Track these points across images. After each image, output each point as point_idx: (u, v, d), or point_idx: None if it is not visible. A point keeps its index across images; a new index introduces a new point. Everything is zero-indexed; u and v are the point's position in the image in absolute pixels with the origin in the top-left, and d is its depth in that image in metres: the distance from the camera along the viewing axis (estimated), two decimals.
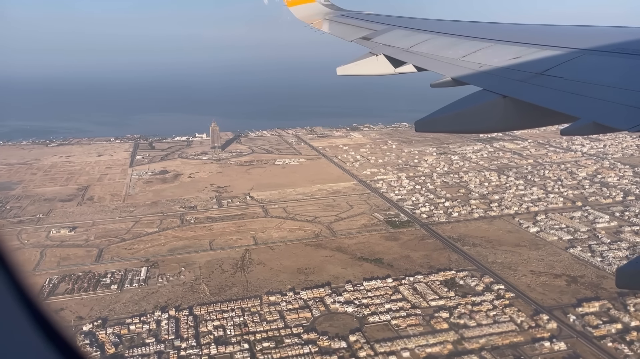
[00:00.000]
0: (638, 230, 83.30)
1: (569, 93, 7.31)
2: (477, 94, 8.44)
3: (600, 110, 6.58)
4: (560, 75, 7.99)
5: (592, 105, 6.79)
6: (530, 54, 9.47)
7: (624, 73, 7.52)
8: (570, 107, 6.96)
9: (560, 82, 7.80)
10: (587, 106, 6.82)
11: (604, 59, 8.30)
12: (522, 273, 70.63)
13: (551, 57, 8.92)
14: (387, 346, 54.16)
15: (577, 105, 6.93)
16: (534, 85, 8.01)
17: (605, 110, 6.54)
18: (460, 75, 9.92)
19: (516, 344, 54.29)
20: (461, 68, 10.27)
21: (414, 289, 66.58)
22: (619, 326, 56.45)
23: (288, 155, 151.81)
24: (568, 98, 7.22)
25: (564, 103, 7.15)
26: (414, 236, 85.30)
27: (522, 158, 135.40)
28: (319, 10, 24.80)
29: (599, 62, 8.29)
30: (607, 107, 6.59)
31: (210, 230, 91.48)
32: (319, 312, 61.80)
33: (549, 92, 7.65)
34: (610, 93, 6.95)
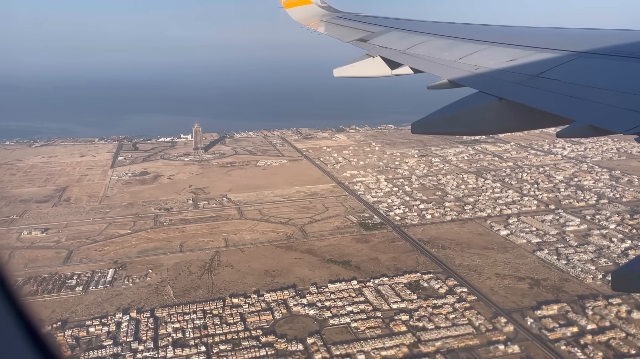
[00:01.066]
0: (606, 233, 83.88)
1: (565, 96, 7.37)
2: (473, 96, 8.51)
3: (596, 113, 6.62)
4: (556, 78, 8.06)
5: (588, 107, 6.85)
6: (526, 56, 9.56)
7: (619, 76, 7.60)
8: (566, 110, 7.02)
9: (556, 84, 7.87)
10: (582, 108, 6.88)
11: (600, 62, 8.39)
12: (487, 275, 71.00)
13: (547, 59, 9.01)
14: (344, 348, 54.33)
15: (573, 108, 6.99)
16: (530, 88, 8.08)
17: (601, 113, 6.57)
18: (456, 77, 10.00)
19: (471, 347, 54.58)
20: (457, 70, 10.36)
21: (377, 291, 66.81)
22: (575, 329, 56.86)
23: (271, 156, 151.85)
24: (564, 100, 7.28)
25: (559, 106, 7.21)
26: (385, 239, 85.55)
27: (502, 161, 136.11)
28: (315, 12, 24.91)
29: (594, 64, 8.37)
30: (602, 110, 6.62)
31: (182, 231, 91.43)
32: (280, 314, 61.91)
33: (544, 94, 7.70)
34: (606, 95, 6.99)
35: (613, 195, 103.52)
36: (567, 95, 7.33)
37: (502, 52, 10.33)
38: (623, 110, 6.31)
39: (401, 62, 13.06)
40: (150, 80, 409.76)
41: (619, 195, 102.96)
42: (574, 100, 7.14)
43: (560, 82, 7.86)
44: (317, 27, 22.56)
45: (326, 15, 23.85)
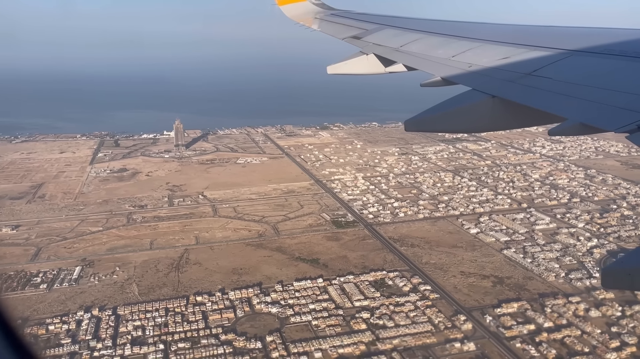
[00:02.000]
0: (574, 232, 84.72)
1: (557, 94, 7.42)
2: (466, 94, 8.52)
3: (587, 111, 6.66)
4: (548, 76, 8.10)
5: (580, 106, 6.89)
6: (519, 55, 9.60)
7: (611, 75, 7.65)
8: (558, 108, 7.04)
9: (548, 82, 7.90)
10: (574, 107, 6.91)
11: (591, 60, 8.44)
12: (452, 274, 71.52)
13: (539, 57, 9.05)
14: (302, 346, 54.57)
15: (565, 106, 7.01)
16: (523, 86, 8.12)
17: (592, 111, 6.61)
18: (450, 74, 10.01)
19: (429, 345, 55.01)
20: (451, 68, 10.36)
21: (342, 289, 67.10)
22: (532, 327, 57.46)
23: (252, 154, 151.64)
24: (556, 98, 7.30)
25: (551, 104, 7.25)
26: (356, 237, 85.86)
27: (481, 159, 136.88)
28: (309, 9, 24.86)
29: (586, 63, 8.41)
30: (594, 108, 6.66)
31: (154, 229, 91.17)
32: (243, 313, 62.02)
33: (537, 92, 7.72)
34: (597, 94, 7.04)
35: (585, 193, 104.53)
36: (559, 94, 7.38)
37: (495, 50, 10.41)
38: (614, 108, 6.39)
39: (395, 60, 13.08)
40: (138, 76, 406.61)
41: (592, 194, 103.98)
42: (566, 98, 7.21)
43: (553, 80, 7.92)
44: (311, 24, 22.55)
45: (320, 13, 23.87)
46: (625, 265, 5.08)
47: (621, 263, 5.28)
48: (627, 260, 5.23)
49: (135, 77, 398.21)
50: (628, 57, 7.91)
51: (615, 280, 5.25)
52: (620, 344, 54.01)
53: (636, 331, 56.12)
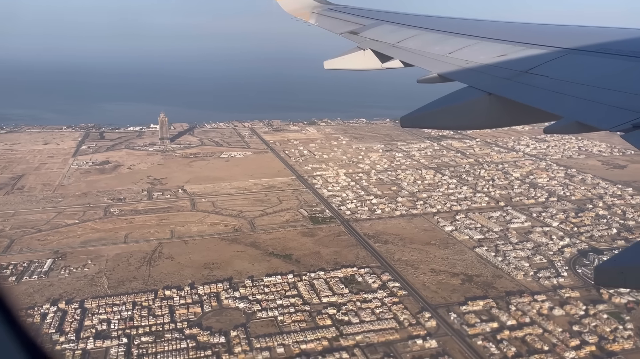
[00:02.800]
0: (548, 230, 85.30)
1: (553, 92, 7.41)
2: (462, 91, 8.47)
3: (583, 110, 6.65)
4: (545, 74, 8.07)
5: (575, 104, 6.88)
6: (516, 52, 9.57)
7: (607, 73, 7.63)
8: (554, 106, 7.04)
9: (545, 80, 7.88)
10: (570, 105, 6.91)
11: (588, 59, 8.41)
12: (422, 271, 71.89)
13: (536, 55, 9.02)
14: (265, 342, 54.79)
15: (561, 104, 7.01)
16: (519, 83, 8.10)
17: (588, 110, 6.59)
18: (446, 71, 9.96)
19: (391, 341, 55.36)
20: (448, 65, 10.31)
21: (311, 285, 67.31)
22: (495, 325, 57.92)
23: (236, 148, 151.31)
24: (552, 97, 7.29)
25: (547, 102, 7.22)
26: (331, 233, 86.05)
27: (464, 157, 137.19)
28: (307, 4, 24.74)
29: (582, 61, 8.39)
30: (589, 107, 6.64)
31: (131, 222, 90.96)
32: (210, 307, 62.10)
33: (533, 90, 7.71)
34: (593, 92, 7.01)
35: (563, 193, 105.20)
36: (555, 92, 7.39)
37: (492, 47, 10.39)
38: (610, 107, 6.38)
39: (392, 56, 13.03)
40: (132, 69, 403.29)
41: (569, 193, 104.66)
42: (562, 96, 7.22)
43: (549, 78, 7.93)
44: (309, 19, 22.52)
45: (317, 7, 23.81)
46: (618, 263, 5.11)
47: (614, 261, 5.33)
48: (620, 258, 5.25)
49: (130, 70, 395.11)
50: (624, 56, 7.97)
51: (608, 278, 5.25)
52: (580, 343, 54.56)
53: (597, 330, 56.71)
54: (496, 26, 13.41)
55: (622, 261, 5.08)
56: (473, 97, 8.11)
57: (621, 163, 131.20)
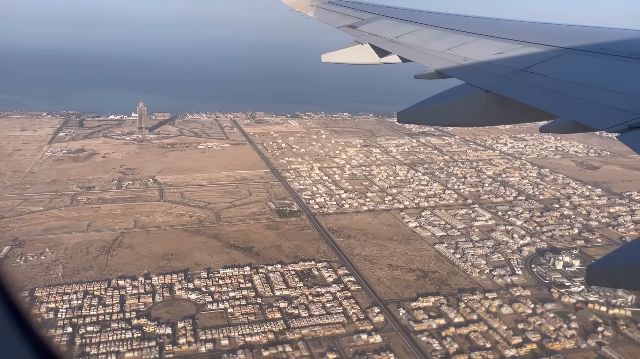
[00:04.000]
0: (511, 229, 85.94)
1: (550, 91, 7.36)
2: (459, 87, 8.41)
3: (580, 109, 6.62)
4: (542, 73, 8.03)
5: (572, 103, 6.85)
6: (514, 50, 9.52)
7: (604, 74, 7.59)
8: (551, 105, 7.01)
9: (542, 79, 7.82)
10: (567, 104, 6.88)
11: (585, 59, 8.36)
12: (379, 266, 72.26)
13: (534, 54, 8.97)
14: (211, 333, 54.96)
15: (557, 103, 6.99)
16: (516, 82, 8.07)
17: (585, 110, 6.57)
18: (444, 67, 9.90)
19: (337, 336, 55.73)
20: (445, 61, 10.25)
21: (267, 278, 67.48)
22: (442, 321, 58.45)
23: (215, 139, 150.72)
24: (549, 96, 7.26)
25: (544, 101, 7.19)
26: (296, 226, 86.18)
27: (440, 154, 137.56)
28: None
29: (580, 61, 8.34)
30: (586, 107, 6.61)
31: (96, 211, 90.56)
32: (161, 298, 62.16)
33: (530, 88, 7.67)
34: (590, 93, 6.99)
35: (533, 192, 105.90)
36: (552, 91, 7.36)
37: (490, 44, 10.36)
38: (606, 107, 6.37)
39: (390, 51, 13.02)
40: (120, 56, 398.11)
41: (538, 193, 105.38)
42: (559, 95, 7.19)
43: (546, 77, 7.90)
44: (307, 12, 22.38)
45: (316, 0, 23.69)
46: (610, 263, 5.10)
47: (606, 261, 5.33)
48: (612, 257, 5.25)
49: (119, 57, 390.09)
50: (622, 57, 7.97)
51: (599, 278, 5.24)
52: (522, 341, 55.21)
53: (542, 328, 57.38)
54: (495, 23, 13.45)
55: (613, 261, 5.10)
56: (470, 94, 8.13)
57: (595, 164, 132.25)
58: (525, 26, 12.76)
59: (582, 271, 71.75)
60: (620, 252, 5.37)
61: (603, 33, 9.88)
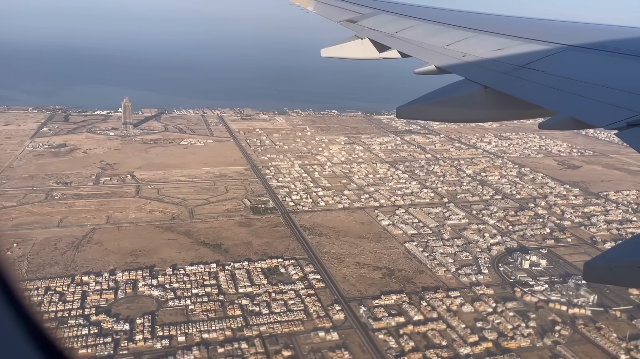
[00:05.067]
0: (483, 228, 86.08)
1: (549, 88, 7.34)
2: (459, 83, 8.39)
3: (579, 106, 6.59)
4: (542, 69, 8.01)
5: (571, 100, 6.83)
6: (514, 46, 9.49)
7: (604, 71, 7.56)
8: (549, 102, 7.01)
9: (541, 76, 7.81)
10: (565, 101, 6.86)
11: (585, 56, 8.36)
12: (347, 264, 72.34)
13: (534, 50, 8.95)
14: (168, 330, 54.97)
15: (556, 100, 6.97)
16: (516, 78, 8.05)
17: (584, 107, 6.54)
18: (443, 63, 9.86)
19: (295, 333, 55.84)
20: (445, 57, 10.21)
21: (232, 275, 67.50)
22: (402, 319, 58.57)
23: (199, 135, 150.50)
24: (548, 92, 7.25)
25: (543, 97, 7.18)
26: (269, 224, 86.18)
27: (423, 152, 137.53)
28: None
29: (579, 58, 8.33)
30: (585, 104, 6.59)
31: (70, 207, 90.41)
32: (124, 294, 62.16)
33: (529, 85, 7.67)
34: (589, 89, 6.96)
35: (510, 191, 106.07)
36: (552, 87, 7.34)
37: (490, 40, 10.35)
38: (605, 104, 6.35)
39: (389, 46, 12.93)
40: (116, 51, 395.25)
41: (515, 192, 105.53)
42: (558, 92, 7.17)
43: (546, 73, 7.88)
44: (306, 5, 22.18)
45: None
46: (608, 261, 5.10)
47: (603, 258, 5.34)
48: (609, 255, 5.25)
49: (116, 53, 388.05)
50: (622, 55, 7.97)
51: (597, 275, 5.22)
52: (479, 339, 55.38)
53: (500, 327, 57.56)
54: (494, 19, 13.45)
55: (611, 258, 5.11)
56: (469, 90, 8.12)
57: (577, 163, 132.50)
58: (525, 22, 12.80)
59: (548, 271, 72.08)
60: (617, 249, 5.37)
61: (603, 30, 9.90)
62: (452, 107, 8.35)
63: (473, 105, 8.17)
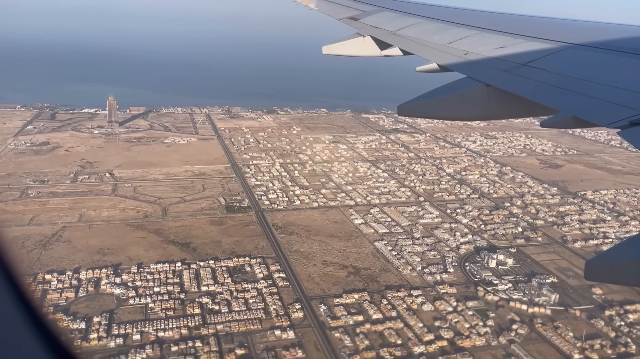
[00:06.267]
0: (455, 227, 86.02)
1: (551, 86, 7.33)
2: (460, 81, 8.38)
3: (581, 105, 6.58)
4: (544, 68, 8.01)
5: (573, 99, 6.81)
6: (516, 45, 9.50)
7: (606, 69, 7.56)
8: (551, 100, 6.99)
9: (544, 74, 7.81)
10: (567, 100, 6.84)
11: (587, 54, 8.35)
12: (314, 262, 72.36)
13: (536, 49, 8.94)
14: (124, 328, 55.02)
15: (558, 98, 6.96)
16: (517, 76, 8.05)
17: (586, 105, 6.54)
18: (445, 61, 9.86)
19: (252, 331, 55.88)
20: (447, 55, 10.20)
21: (196, 274, 67.52)
22: (360, 318, 58.59)
23: (184, 134, 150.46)
24: (550, 90, 7.24)
25: (545, 96, 7.18)
26: (241, 222, 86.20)
27: (406, 151, 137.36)
28: None
29: (582, 56, 8.33)
30: (587, 102, 6.59)
31: (44, 205, 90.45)
32: (85, 293, 62.19)
33: (531, 83, 7.67)
34: (592, 88, 6.96)
35: (488, 190, 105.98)
36: (554, 86, 7.33)
37: (492, 38, 10.34)
38: (608, 103, 6.34)
39: (391, 43, 12.93)
40: (114, 50, 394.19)
41: (493, 191, 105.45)
42: (560, 90, 7.16)
43: (548, 72, 7.88)
44: (308, 3, 22.21)
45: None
46: (608, 259, 5.11)
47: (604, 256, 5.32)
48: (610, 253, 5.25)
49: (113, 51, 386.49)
50: (624, 53, 7.95)
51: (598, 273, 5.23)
52: (434, 338, 55.38)
53: (457, 326, 57.54)
54: (497, 17, 13.43)
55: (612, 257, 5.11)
56: (471, 88, 8.10)
57: (559, 162, 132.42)
58: (527, 21, 12.80)
59: (514, 270, 72.05)
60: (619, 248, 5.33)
61: (606, 28, 9.88)
62: (454, 105, 8.35)
63: (475, 103, 8.15)
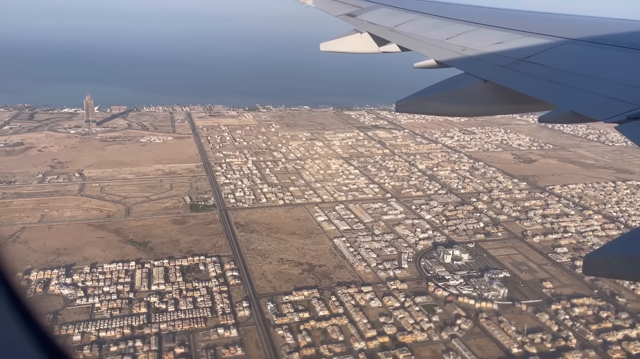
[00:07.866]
0: (417, 223, 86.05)
1: (549, 81, 7.33)
2: (458, 77, 8.38)
3: (579, 100, 6.58)
4: (541, 63, 7.99)
5: (571, 94, 6.82)
6: (513, 40, 9.49)
7: (604, 64, 7.54)
8: (549, 95, 7.00)
9: (541, 69, 7.79)
10: (565, 95, 6.86)
11: (585, 49, 8.34)
12: (269, 260, 72.36)
13: (533, 44, 8.95)
14: (66, 329, 54.98)
15: (556, 94, 6.97)
16: (515, 71, 8.04)
17: (583, 100, 6.53)
18: (443, 57, 9.84)
19: (195, 330, 55.88)
20: (445, 51, 10.19)
21: (148, 273, 67.49)
22: (307, 315, 58.62)
23: (160, 132, 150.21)
24: (548, 86, 7.24)
25: (543, 91, 7.19)
26: (203, 221, 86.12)
27: (382, 148, 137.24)
28: None
29: (579, 51, 8.32)
30: (585, 97, 6.58)
31: (6, 206, 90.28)
32: (33, 293, 62.03)
33: (529, 78, 7.66)
34: (590, 83, 6.94)
35: (456, 185, 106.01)
36: (551, 81, 7.33)
37: (489, 34, 10.34)
38: (605, 98, 6.33)
39: (389, 40, 12.89)
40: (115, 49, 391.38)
41: (461, 186, 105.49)
42: (558, 85, 7.15)
43: (546, 67, 7.86)
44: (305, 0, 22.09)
45: None
46: (606, 254, 5.12)
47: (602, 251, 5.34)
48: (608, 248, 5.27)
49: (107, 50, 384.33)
50: (622, 48, 7.95)
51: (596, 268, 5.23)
52: (376, 334, 55.42)
53: (402, 322, 57.62)
54: (494, 13, 13.46)
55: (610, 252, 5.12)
56: (469, 84, 8.10)
57: (533, 157, 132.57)
58: (524, 16, 12.79)
59: (469, 265, 72.16)
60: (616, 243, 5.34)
61: (603, 23, 9.85)
62: (452, 101, 8.32)
63: (473, 99, 8.15)
